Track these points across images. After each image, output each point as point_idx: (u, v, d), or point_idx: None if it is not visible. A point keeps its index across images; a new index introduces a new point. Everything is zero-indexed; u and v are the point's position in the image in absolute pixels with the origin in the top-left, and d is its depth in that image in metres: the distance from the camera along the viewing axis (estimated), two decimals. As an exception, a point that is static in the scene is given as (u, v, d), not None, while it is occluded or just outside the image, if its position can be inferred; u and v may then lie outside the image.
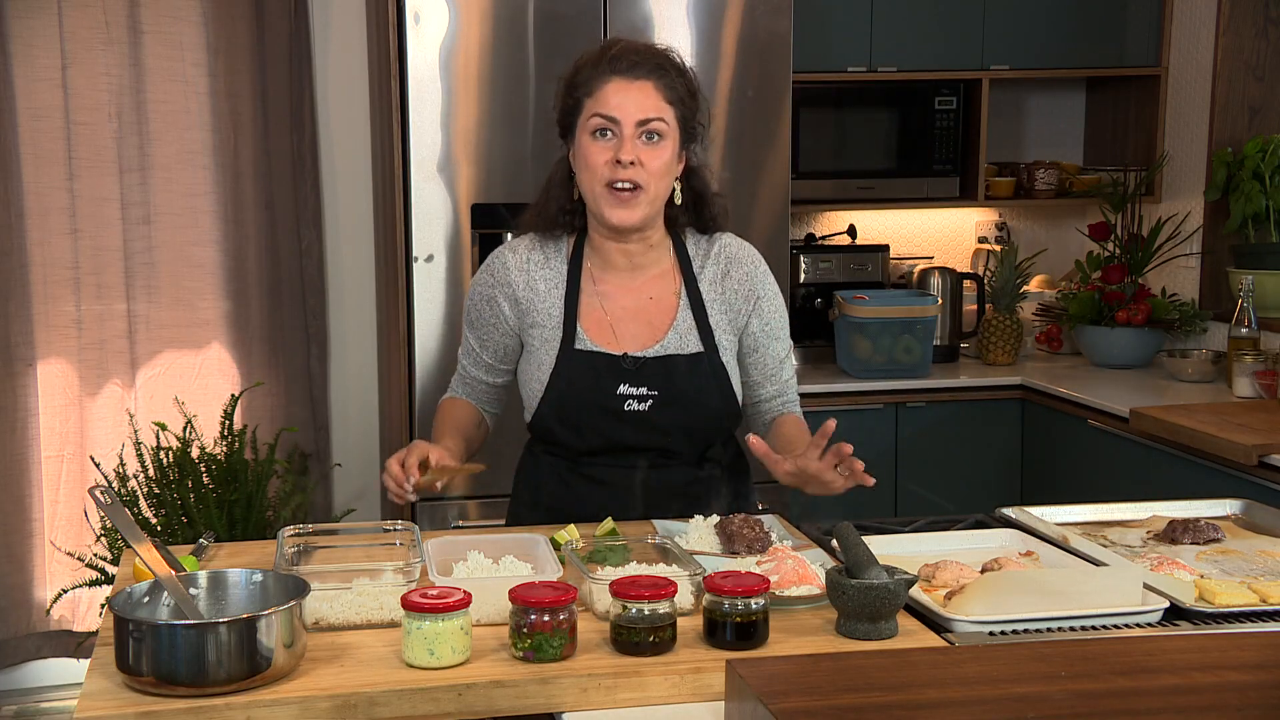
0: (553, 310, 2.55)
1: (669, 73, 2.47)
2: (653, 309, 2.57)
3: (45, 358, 4.27)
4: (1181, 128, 4.55)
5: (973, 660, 1.68)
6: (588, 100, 2.45)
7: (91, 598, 4.31)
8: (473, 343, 2.64)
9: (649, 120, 2.43)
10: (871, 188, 4.62)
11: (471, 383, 2.68)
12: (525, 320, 2.57)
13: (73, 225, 4.25)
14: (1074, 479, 4.06)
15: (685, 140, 2.51)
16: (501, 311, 2.58)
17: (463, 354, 2.68)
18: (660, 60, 2.48)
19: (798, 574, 2.15)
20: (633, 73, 2.44)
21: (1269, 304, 4.15)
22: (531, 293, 2.56)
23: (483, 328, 2.61)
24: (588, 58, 2.49)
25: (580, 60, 2.50)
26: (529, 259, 2.58)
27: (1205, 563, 2.36)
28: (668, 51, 2.51)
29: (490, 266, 2.60)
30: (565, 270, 2.57)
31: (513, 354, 2.63)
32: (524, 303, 2.57)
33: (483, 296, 2.60)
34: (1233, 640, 1.81)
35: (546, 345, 2.55)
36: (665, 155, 2.45)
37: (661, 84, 2.45)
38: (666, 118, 2.44)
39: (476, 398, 2.69)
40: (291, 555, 2.27)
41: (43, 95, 4.18)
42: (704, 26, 3.80)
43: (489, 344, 2.62)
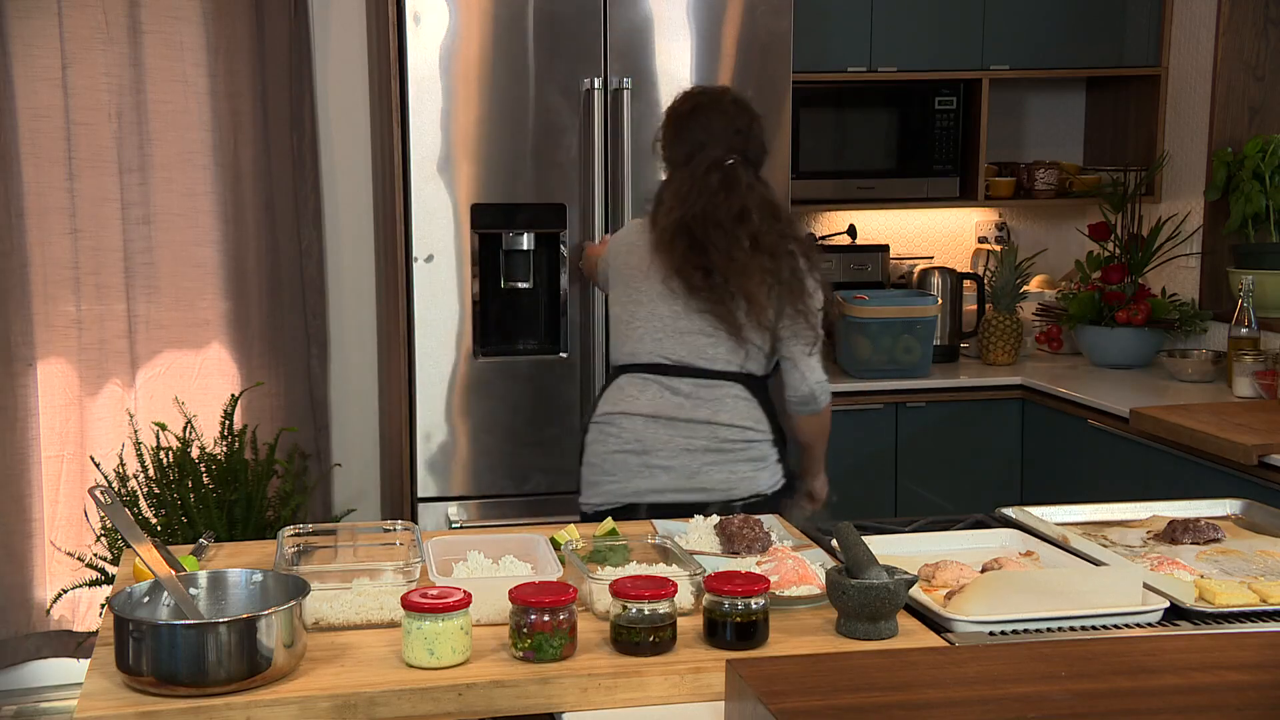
0: None
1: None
2: None
3: (45, 358, 4.27)
4: (1181, 128, 4.55)
5: (973, 660, 1.68)
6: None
7: (91, 598, 4.31)
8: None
9: None
10: (871, 188, 4.62)
11: None
12: None
13: (73, 225, 4.24)
14: (1074, 479, 4.06)
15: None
16: None
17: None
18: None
19: (798, 574, 2.15)
20: None
21: (1269, 304, 4.15)
22: None
23: None
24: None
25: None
26: None
27: (1205, 563, 2.36)
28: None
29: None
30: None
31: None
32: None
33: None
34: (1233, 640, 1.82)
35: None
36: None
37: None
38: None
39: None
40: (291, 555, 2.27)
41: (43, 95, 4.18)
42: (704, 27, 3.80)
43: None
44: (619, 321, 3.01)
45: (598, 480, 2.94)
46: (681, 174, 2.94)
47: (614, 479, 2.91)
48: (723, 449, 2.89)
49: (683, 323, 2.91)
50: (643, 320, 2.94)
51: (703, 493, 2.87)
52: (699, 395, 2.89)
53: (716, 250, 2.85)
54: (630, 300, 2.97)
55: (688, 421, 2.88)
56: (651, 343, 2.92)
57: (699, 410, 2.88)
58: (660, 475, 2.88)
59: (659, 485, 2.88)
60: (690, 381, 2.90)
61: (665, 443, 2.88)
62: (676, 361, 2.91)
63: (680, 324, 2.91)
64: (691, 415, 2.88)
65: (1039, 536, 2.45)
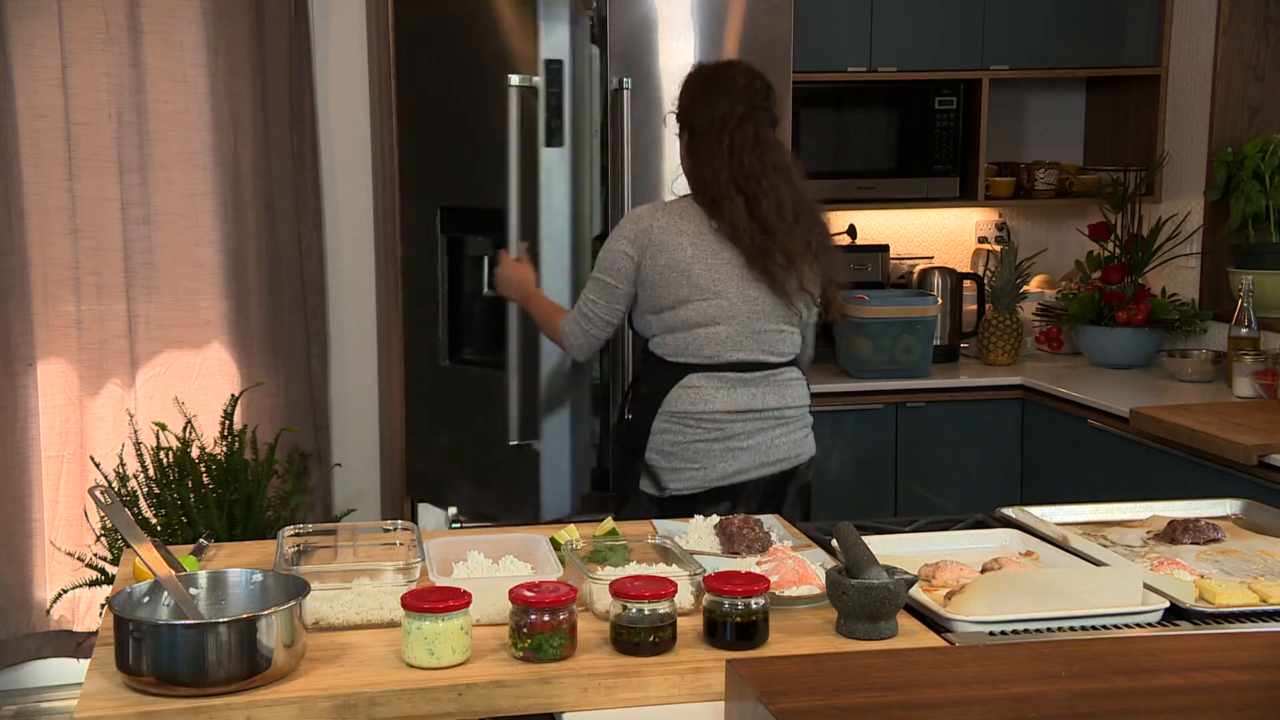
0: None
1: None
2: None
3: (45, 358, 4.27)
4: (1181, 128, 4.55)
5: (973, 660, 1.68)
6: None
7: (91, 598, 4.31)
8: None
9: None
10: (871, 188, 4.62)
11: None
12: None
13: (73, 225, 4.24)
14: (1074, 479, 4.06)
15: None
16: None
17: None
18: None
19: (798, 574, 2.15)
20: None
21: (1269, 304, 4.15)
22: None
23: None
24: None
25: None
26: None
27: (1205, 563, 2.36)
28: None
29: None
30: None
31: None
32: None
33: None
34: (1233, 640, 1.82)
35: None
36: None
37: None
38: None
39: None
40: (291, 555, 2.27)
41: (43, 95, 4.18)
42: (705, 27, 3.80)
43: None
44: (686, 324, 3.04)
45: (679, 468, 3.05)
46: (713, 137, 3.05)
47: (697, 465, 3.04)
48: (785, 420, 3.11)
49: (758, 323, 3.06)
50: (725, 320, 3.04)
51: (777, 464, 3.09)
52: (769, 383, 3.09)
53: (767, 201, 3.00)
54: (701, 299, 3.03)
55: (761, 410, 3.07)
56: (732, 346, 3.06)
57: (769, 398, 3.08)
58: (742, 456, 3.05)
59: (742, 465, 3.05)
60: (763, 374, 3.09)
61: (742, 428, 3.05)
62: (752, 359, 3.07)
63: (755, 324, 3.06)
64: (765, 404, 3.08)
65: (1039, 536, 2.45)
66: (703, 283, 3.01)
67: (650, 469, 3.06)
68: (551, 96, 3.49)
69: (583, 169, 3.58)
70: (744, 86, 3.05)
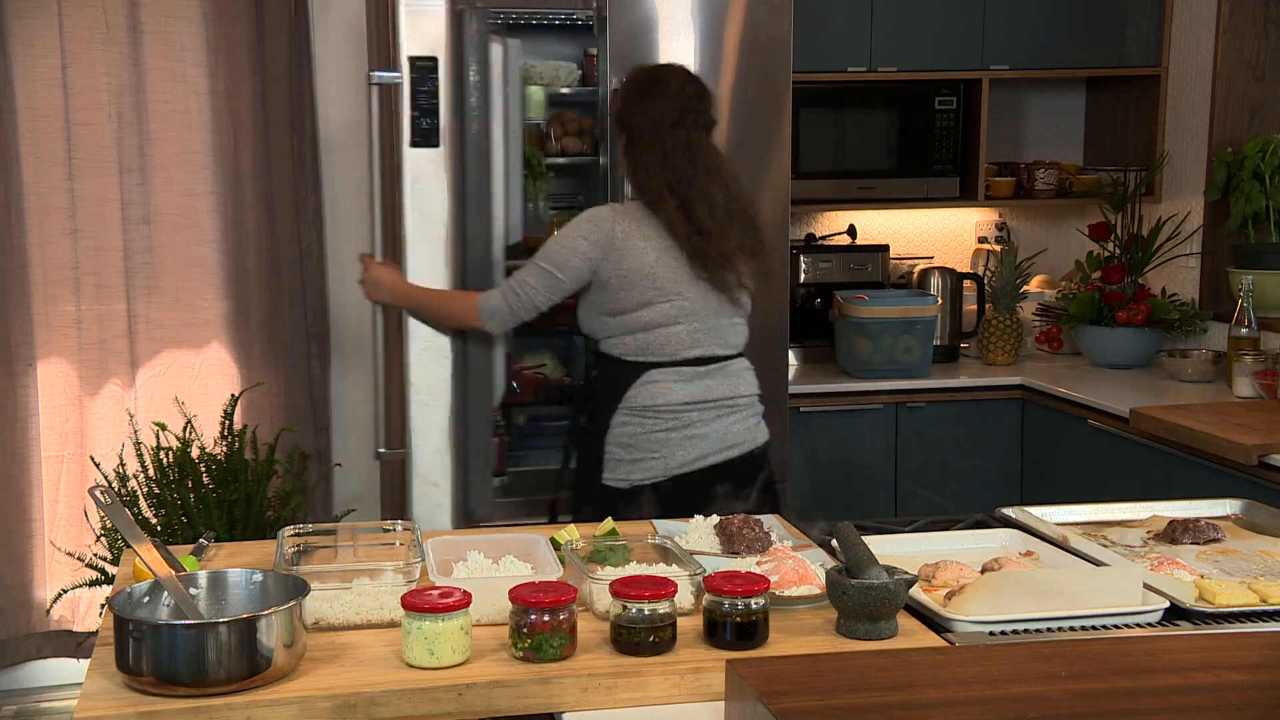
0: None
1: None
2: None
3: (45, 358, 4.27)
4: (1181, 128, 4.55)
5: (973, 660, 1.68)
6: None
7: (91, 598, 4.31)
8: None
9: None
10: (871, 188, 4.62)
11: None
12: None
13: (73, 225, 4.24)
14: (1074, 479, 4.06)
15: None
16: None
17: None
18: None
19: (798, 574, 2.15)
20: None
21: (1269, 304, 4.15)
22: None
23: None
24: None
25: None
26: None
27: (1205, 563, 2.36)
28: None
29: None
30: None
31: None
32: None
33: None
34: (1233, 640, 1.82)
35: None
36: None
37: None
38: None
39: None
40: (291, 555, 2.27)
41: (43, 95, 4.18)
42: (705, 27, 3.80)
43: None
44: (649, 325, 3.11)
45: (640, 459, 3.11)
46: (648, 140, 3.12)
47: (658, 455, 3.11)
48: (738, 408, 3.19)
49: (713, 319, 3.15)
50: (685, 319, 3.12)
51: (734, 449, 3.16)
52: (723, 374, 3.17)
53: (700, 204, 3.08)
54: (664, 301, 3.10)
55: (716, 400, 3.15)
56: (691, 343, 3.14)
57: (722, 388, 3.16)
58: (700, 443, 3.12)
59: (701, 451, 3.12)
60: (717, 366, 3.18)
61: (699, 417, 3.13)
62: (708, 354, 3.16)
63: (711, 321, 3.15)
64: (719, 394, 3.16)
65: (1039, 536, 2.45)
66: (665, 285, 3.09)
67: (612, 462, 3.13)
68: (420, 95, 3.40)
69: (473, 170, 3.46)
70: (677, 91, 3.13)
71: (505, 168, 3.50)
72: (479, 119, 3.42)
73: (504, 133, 3.48)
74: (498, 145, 3.46)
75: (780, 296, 3.96)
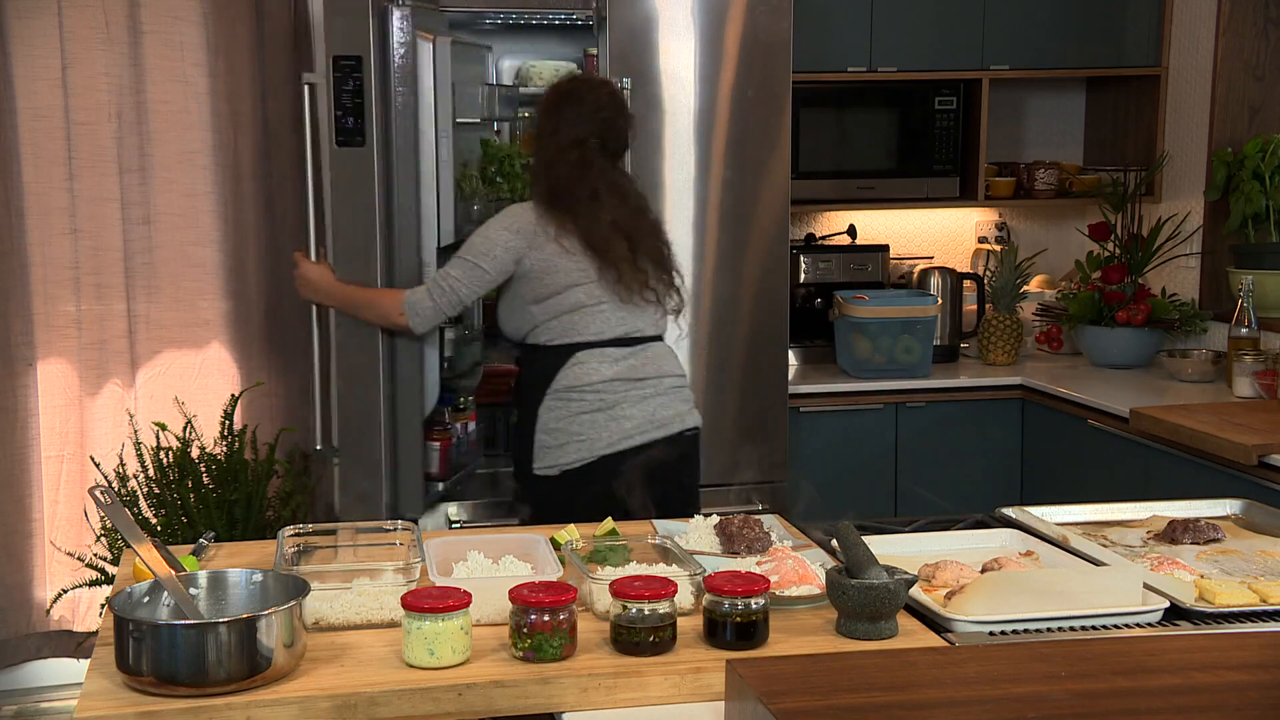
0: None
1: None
2: None
3: (45, 358, 4.27)
4: (1181, 128, 4.55)
5: (973, 660, 1.68)
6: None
7: (91, 598, 4.31)
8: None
9: None
10: (871, 188, 4.62)
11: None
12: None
13: (73, 225, 4.24)
14: (1074, 479, 4.06)
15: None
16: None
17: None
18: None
19: (798, 574, 2.15)
20: None
21: (1269, 304, 4.15)
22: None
23: None
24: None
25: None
26: None
27: (1205, 563, 2.36)
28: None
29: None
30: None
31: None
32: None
33: None
34: (1233, 640, 1.82)
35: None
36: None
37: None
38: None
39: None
40: (291, 555, 2.27)
41: (43, 95, 4.18)
42: (705, 27, 3.80)
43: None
44: (573, 306, 3.16)
45: (566, 443, 3.14)
46: (547, 150, 3.20)
47: (584, 437, 3.13)
48: (664, 390, 3.22)
49: (635, 298, 3.20)
50: (608, 299, 3.17)
51: (662, 428, 3.18)
52: (646, 354, 3.22)
53: (578, 219, 3.14)
54: (587, 281, 3.16)
55: (641, 379, 3.19)
56: (616, 322, 3.18)
57: (648, 368, 3.21)
58: (626, 423, 3.15)
59: (627, 430, 3.14)
60: (640, 347, 3.22)
61: (624, 396, 3.16)
62: (632, 334, 3.21)
63: (634, 299, 3.19)
64: (644, 374, 3.20)
65: (1039, 536, 2.45)
66: (587, 267, 3.14)
67: (541, 450, 3.16)
68: (344, 94, 3.36)
69: (398, 170, 3.42)
70: (588, 113, 3.18)
71: (436, 167, 3.43)
72: (407, 118, 3.39)
73: (434, 132, 3.41)
74: (428, 145, 3.42)
75: (780, 296, 3.97)
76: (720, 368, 3.92)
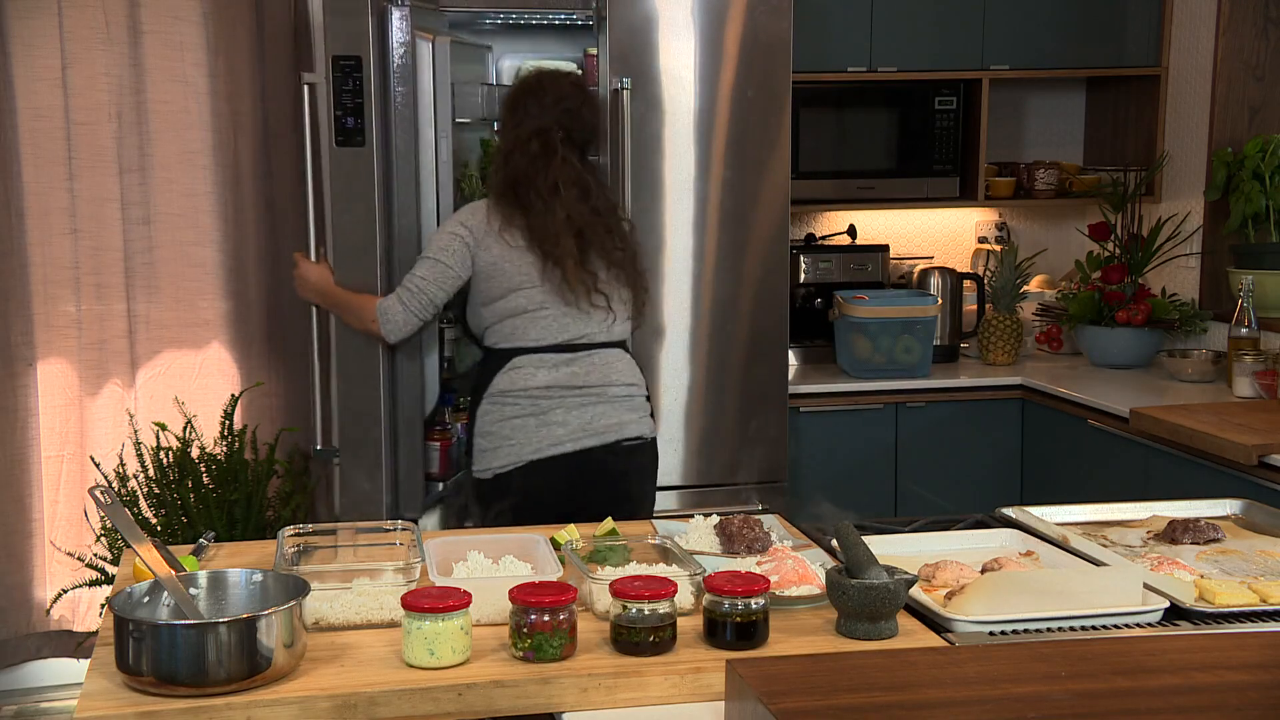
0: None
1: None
2: None
3: (45, 358, 4.27)
4: (1181, 128, 4.55)
5: (973, 660, 1.68)
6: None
7: (91, 598, 4.31)
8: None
9: None
10: (871, 188, 4.62)
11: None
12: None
13: (73, 225, 4.24)
14: (1074, 479, 4.06)
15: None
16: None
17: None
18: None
19: (798, 574, 2.15)
20: None
21: (1269, 304, 4.15)
22: None
23: None
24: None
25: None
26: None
27: (1205, 563, 2.36)
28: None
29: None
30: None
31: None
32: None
33: None
34: (1233, 640, 1.82)
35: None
36: None
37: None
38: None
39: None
40: (291, 555, 2.27)
41: (43, 95, 4.18)
42: (705, 27, 3.80)
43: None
44: (517, 310, 3.13)
45: (497, 447, 3.13)
46: (508, 142, 3.17)
47: (513, 441, 3.11)
48: (609, 399, 3.16)
49: (584, 302, 3.12)
50: (552, 304, 3.12)
51: (597, 437, 3.12)
52: (592, 362, 3.15)
53: (533, 214, 3.09)
54: (531, 286, 3.11)
55: (582, 387, 3.14)
56: (558, 329, 3.13)
57: (591, 375, 3.15)
58: (557, 429, 3.10)
59: (556, 437, 3.10)
60: (585, 353, 3.15)
61: (559, 403, 3.12)
62: (577, 340, 3.14)
63: (582, 304, 3.12)
64: (586, 381, 3.14)
65: (1039, 536, 2.45)
66: (531, 272, 3.10)
67: (478, 453, 3.16)
68: (343, 94, 3.35)
69: (397, 170, 3.41)
70: (550, 103, 3.13)
71: (435, 167, 3.44)
72: (407, 118, 3.38)
73: (434, 132, 3.42)
74: (427, 145, 3.42)
75: (780, 296, 3.97)
76: (720, 368, 3.92)
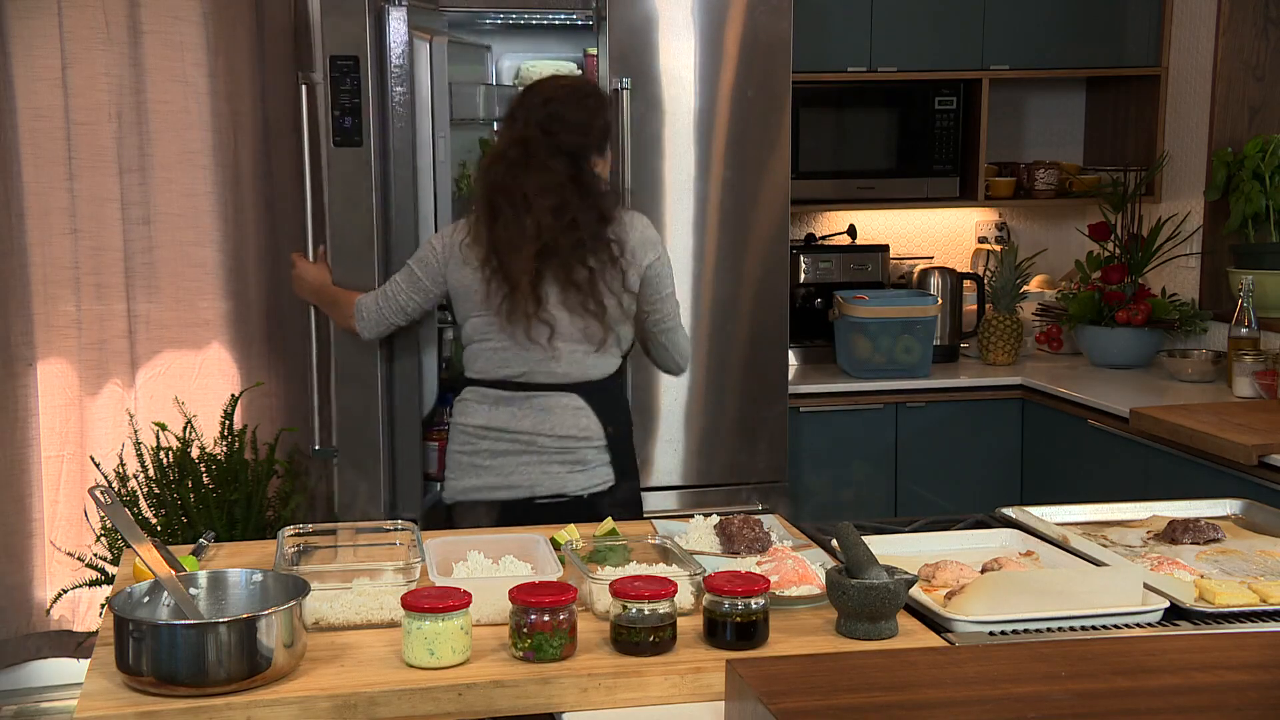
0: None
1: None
2: None
3: (45, 358, 4.27)
4: (1181, 128, 4.55)
5: (973, 660, 1.68)
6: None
7: (91, 598, 4.31)
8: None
9: None
10: (871, 188, 4.62)
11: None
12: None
13: (73, 225, 4.24)
14: (1074, 479, 4.06)
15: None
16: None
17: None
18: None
19: (798, 574, 2.15)
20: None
21: (1269, 304, 4.15)
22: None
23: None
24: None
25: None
26: None
27: (1205, 563, 2.36)
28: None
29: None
30: None
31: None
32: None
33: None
34: (1233, 640, 1.82)
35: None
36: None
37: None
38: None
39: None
40: (291, 555, 2.27)
41: (43, 95, 4.18)
42: (705, 27, 3.80)
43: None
44: (471, 338, 3.02)
45: (446, 477, 3.08)
46: (493, 148, 3.09)
47: (453, 476, 3.04)
48: (540, 450, 2.96)
49: (524, 343, 2.93)
50: (496, 336, 2.96)
51: (512, 491, 2.95)
52: (530, 406, 2.96)
53: (494, 225, 2.90)
54: (481, 315, 2.98)
55: (514, 432, 2.96)
56: (499, 363, 2.97)
57: (525, 421, 2.96)
58: (483, 474, 2.98)
59: (476, 484, 2.99)
60: (525, 395, 2.97)
61: (489, 447, 2.98)
62: (518, 379, 2.97)
63: (528, 343, 2.93)
64: (519, 427, 2.96)
65: (1039, 536, 2.45)
66: (481, 298, 2.94)
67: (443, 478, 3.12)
68: (341, 94, 3.33)
69: (395, 170, 3.40)
70: (536, 105, 2.94)
71: (434, 167, 3.42)
72: (405, 118, 3.37)
73: (432, 132, 3.39)
74: (425, 145, 3.39)
75: (780, 296, 3.97)
76: (720, 368, 3.92)
